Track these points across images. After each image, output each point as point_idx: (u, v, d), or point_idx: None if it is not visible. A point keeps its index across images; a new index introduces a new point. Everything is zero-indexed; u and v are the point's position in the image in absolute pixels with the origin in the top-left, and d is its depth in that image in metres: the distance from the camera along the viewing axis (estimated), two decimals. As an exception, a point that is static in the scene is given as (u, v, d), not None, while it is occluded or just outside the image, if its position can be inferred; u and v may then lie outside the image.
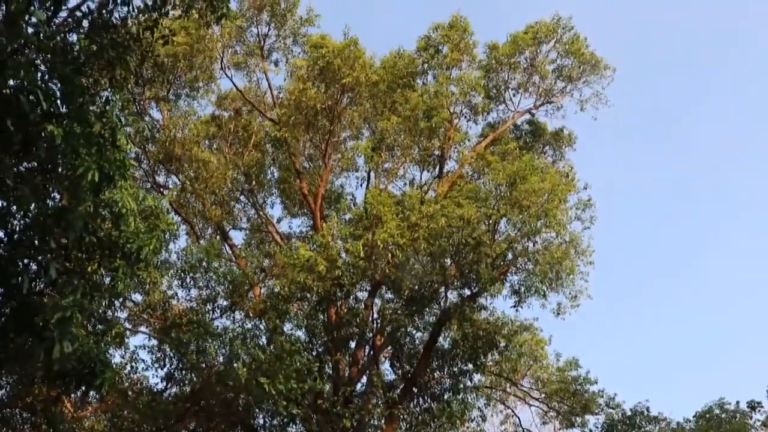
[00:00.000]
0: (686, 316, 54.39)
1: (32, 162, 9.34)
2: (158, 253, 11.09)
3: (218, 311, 17.91)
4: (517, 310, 19.17)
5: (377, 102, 19.99)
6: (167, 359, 17.65)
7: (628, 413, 24.96)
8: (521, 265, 18.62)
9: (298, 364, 15.91)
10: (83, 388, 10.66)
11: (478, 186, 18.91)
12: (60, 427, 15.16)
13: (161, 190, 19.44)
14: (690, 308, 55.34)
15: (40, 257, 9.89)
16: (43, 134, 8.33)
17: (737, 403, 24.68)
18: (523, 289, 18.89)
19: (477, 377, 20.35)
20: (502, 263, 18.10)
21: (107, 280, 10.81)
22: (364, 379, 19.16)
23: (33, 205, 9.46)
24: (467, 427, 19.45)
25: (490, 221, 17.98)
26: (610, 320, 51.97)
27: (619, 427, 24.67)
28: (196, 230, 20.14)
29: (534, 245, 18.23)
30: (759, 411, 24.50)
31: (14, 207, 9.49)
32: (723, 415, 24.40)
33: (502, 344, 19.13)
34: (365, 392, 18.88)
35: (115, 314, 13.03)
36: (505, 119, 22.69)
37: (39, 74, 8.35)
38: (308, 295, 18.29)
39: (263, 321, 17.43)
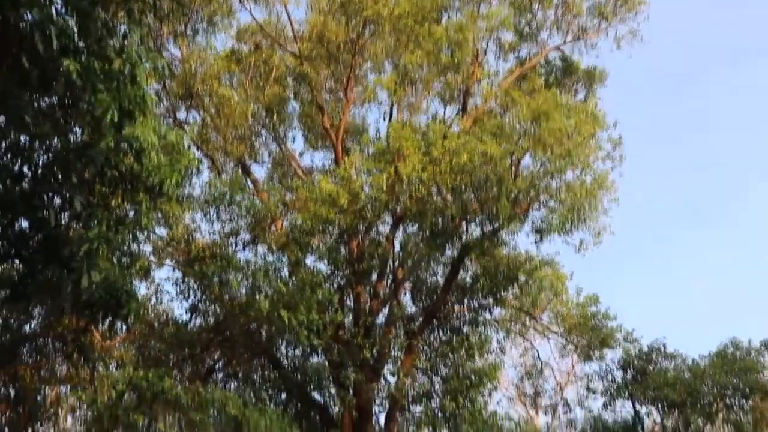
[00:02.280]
0: (709, 259, 54.21)
1: (51, 99, 9.39)
2: (180, 186, 11.22)
3: (241, 245, 18.19)
4: (538, 247, 19.19)
5: (401, 36, 19.61)
6: (191, 291, 18.09)
7: (645, 349, 25.28)
8: (544, 201, 18.50)
9: (320, 295, 16.20)
10: (110, 318, 10.98)
11: (502, 122, 18.66)
12: (90, 355, 15.73)
13: (182, 126, 19.45)
14: (714, 252, 55.08)
15: (64, 191, 10.05)
16: (60, 70, 8.32)
17: (749, 341, 24.80)
18: (545, 226, 18.83)
19: (496, 311, 20.57)
20: (524, 200, 17.99)
21: (131, 213, 10.99)
22: (385, 312, 19.46)
23: (55, 140, 9.56)
24: (486, 359, 19.75)
25: (513, 158, 17.83)
26: (632, 258, 51.86)
27: (636, 362, 25.04)
28: (218, 165, 20.21)
29: (557, 183, 18.08)
30: None
31: (36, 143, 9.60)
32: (737, 353, 24.53)
33: (523, 279, 19.16)
34: (385, 324, 19.21)
35: (140, 248, 13.28)
36: (535, 55, 22.22)
37: (54, 9, 8.30)
38: (330, 229, 18.42)
39: (285, 254, 17.67)
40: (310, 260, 18.60)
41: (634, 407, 25.46)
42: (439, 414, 18.26)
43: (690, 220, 56.67)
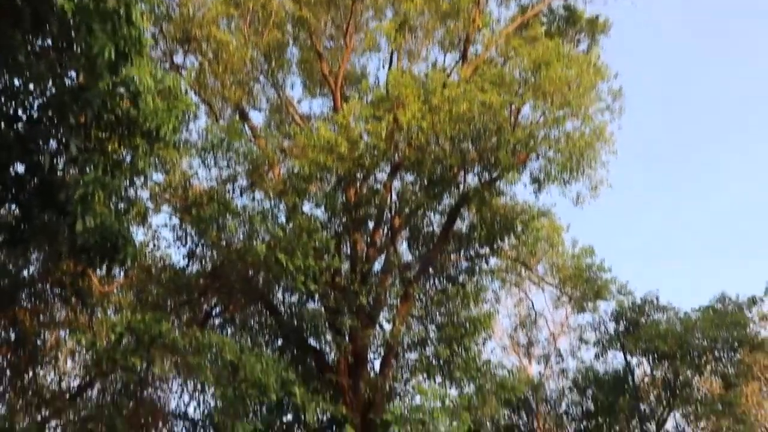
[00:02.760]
0: (704, 215, 54.40)
1: (45, 39, 9.25)
2: (177, 131, 11.15)
3: (238, 191, 18.13)
4: (537, 197, 19.20)
5: (402, -18, 19.25)
6: (188, 237, 18.10)
7: (638, 301, 25.56)
8: (542, 152, 18.43)
9: (317, 242, 16.25)
10: (108, 262, 11.03)
11: (502, 71, 18.45)
12: (88, 300, 15.87)
13: (179, 70, 19.18)
14: (709, 207, 55.27)
15: (59, 135, 9.98)
16: (54, 10, 8.17)
17: (737, 296, 25.07)
18: (543, 176, 18.83)
19: (493, 261, 20.68)
20: (522, 150, 17.92)
21: (128, 158, 10.94)
22: (381, 260, 19.54)
23: (50, 83, 9.45)
24: (481, 308, 19.93)
25: (513, 107, 17.70)
26: (629, 211, 52.11)
27: (629, 313, 25.36)
28: (216, 111, 20.01)
29: (557, 134, 17.98)
30: (758, 305, 24.91)
31: (31, 85, 9.49)
32: (730, 307, 24.80)
33: (519, 229, 19.20)
34: (382, 272, 19.31)
35: (137, 193, 13.26)
36: (537, 3, 21.83)
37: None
38: (328, 176, 18.36)
39: (282, 200, 17.65)
40: (307, 207, 18.61)
41: (625, 358, 25.84)
42: (434, 361, 18.50)
43: (690, 172, 56.69)
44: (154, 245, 18.52)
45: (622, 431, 25.38)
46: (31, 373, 18.34)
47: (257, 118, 22.90)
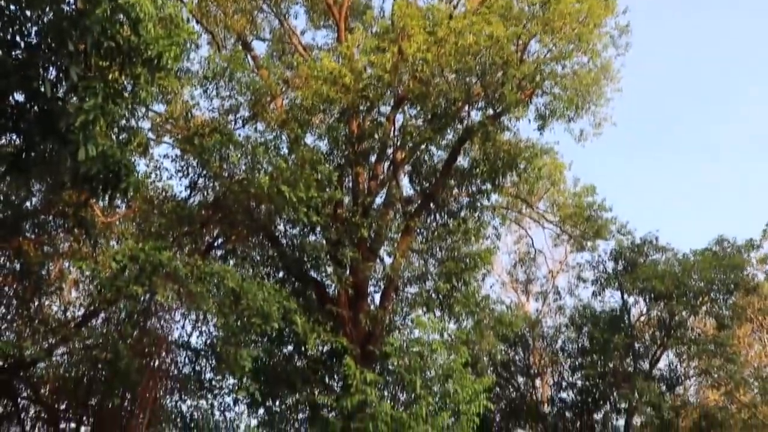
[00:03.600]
0: (708, 158, 54.04)
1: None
2: (179, 60, 10.97)
3: (240, 122, 18.02)
4: (541, 133, 19.05)
5: None
6: (190, 168, 18.09)
7: (638, 241, 25.62)
8: (548, 88, 18.20)
9: (319, 173, 16.22)
10: (110, 192, 11.02)
11: (510, 3, 18.01)
12: (91, 230, 15.91)
13: (181, -1, 18.79)
14: (714, 150, 54.83)
15: (59, 62, 9.84)
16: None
17: (735, 239, 25.11)
18: (548, 112, 18.67)
19: (494, 197, 20.67)
20: (528, 85, 17.68)
21: (129, 87, 10.82)
22: (383, 193, 19.55)
23: (47, 8, 9.26)
24: (481, 244, 20.04)
25: (520, 42, 17.37)
26: (631, 151, 51.81)
27: (628, 253, 25.44)
28: (218, 40, 19.69)
29: (563, 69, 17.72)
30: (756, 249, 24.95)
31: (28, 12, 9.30)
32: (728, 250, 24.86)
33: (522, 166, 19.14)
34: (383, 205, 19.36)
35: (138, 123, 13.13)
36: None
37: None
38: (330, 108, 18.22)
39: (285, 132, 17.54)
40: (309, 139, 18.55)
41: (622, 297, 26.08)
42: (433, 295, 18.74)
43: (694, 111, 56.08)
44: (156, 176, 18.50)
45: (616, 368, 25.76)
46: (36, 303, 18.59)
47: (260, 48, 22.56)
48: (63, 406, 19.67)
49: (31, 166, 11.08)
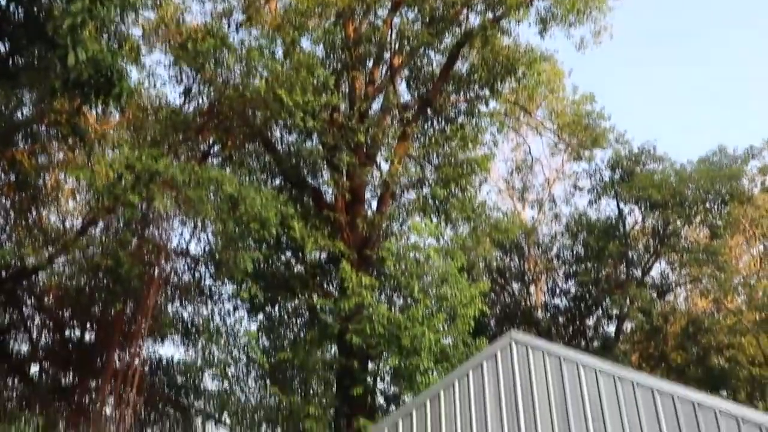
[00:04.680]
0: (711, 70, 52.99)
1: None
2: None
3: (234, 26, 17.59)
4: (542, 37, 18.75)
5: None
6: (184, 75, 17.76)
7: (635, 150, 25.53)
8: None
9: (315, 78, 15.96)
10: (102, 98, 10.87)
11: None
12: (85, 137, 15.75)
13: None
14: (717, 62, 53.75)
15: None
16: None
17: (734, 149, 25.00)
18: (549, 16, 18.33)
19: (492, 104, 20.46)
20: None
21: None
22: (380, 99, 19.35)
23: None
24: (478, 151, 19.94)
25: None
26: (631, 63, 50.88)
27: (625, 162, 25.37)
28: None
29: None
30: (757, 158, 24.90)
31: None
32: (725, 160, 24.81)
33: (521, 72, 18.85)
34: (381, 110, 19.19)
35: (128, 29, 12.81)
36: None
37: None
38: (326, 11, 17.74)
39: (280, 36, 17.14)
40: (305, 44, 18.15)
41: (618, 206, 26.18)
42: (430, 201, 18.79)
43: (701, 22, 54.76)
44: (150, 83, 18.18)
45: (609, 275, 26.15)
46: (34, 214, 18.64)
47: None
48: (67, 314, 20.05)
49: (20, 71, 10.89)
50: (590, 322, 27.51)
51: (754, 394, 24.43)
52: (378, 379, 17.66)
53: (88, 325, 19.94)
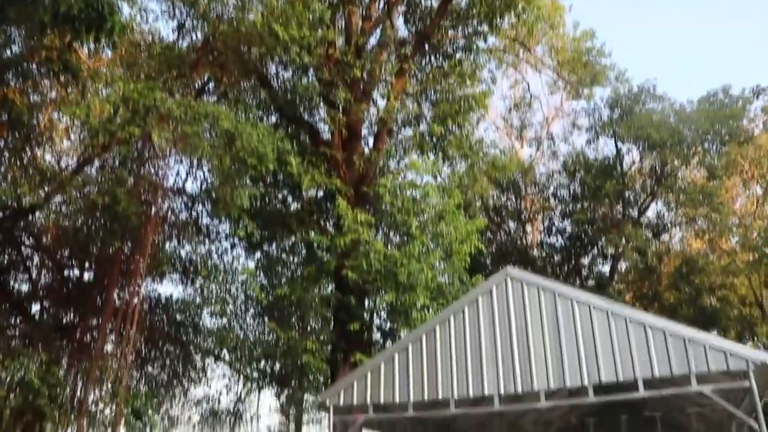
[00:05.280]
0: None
1: None
2: None
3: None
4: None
5: None
6: (177, 9, 17.39)
7: (635, 89, 25.25)
8: None
9: (311, 12, 15.64)
10: (94, 33, 10.67)
11: None
12: (77, 72, 15.46)
13: None
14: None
15: None
16: None
17: (743, 90, 24.65)
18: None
19: (491, 39, 20.17)
20: None
21: None
22: (377, 34, 19.04)
23: None
24: (476, 87, 19.70)
25: None
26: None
27: (624, 101, 25.12)
28: None
29: None
30: (762, 97, 24.57)
31: None
32: (726, 101, 24.53)
33: (520, 6, 18.48)
34: (377, 46, 18.89)
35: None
36: None
37: None
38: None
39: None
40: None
41: (616, 145, 26.08)
42: (427, 138, 18.67)
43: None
44: (142, 18, 17.80)
45: (605, 215, 26.20)
46: (29, 153, 18.47)
47: None
48: (66, 253, 20.10)
49: (7, 5, 10.65)
50: (585, 261, 27.76)
51: (743, 333, 24.80)
52: (374, 315, 17.87)
53: (87, 264, 19.99)
